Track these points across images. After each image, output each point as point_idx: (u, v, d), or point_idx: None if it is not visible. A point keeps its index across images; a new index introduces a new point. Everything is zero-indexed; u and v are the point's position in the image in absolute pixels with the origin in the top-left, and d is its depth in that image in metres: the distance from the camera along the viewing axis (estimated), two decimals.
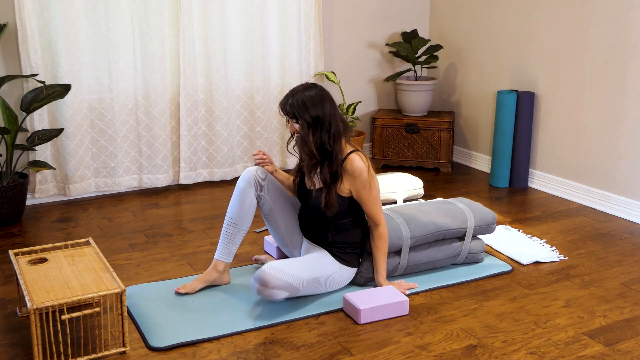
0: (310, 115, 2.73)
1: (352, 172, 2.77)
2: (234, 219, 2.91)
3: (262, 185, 2.92)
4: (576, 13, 4.08)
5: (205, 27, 4.31)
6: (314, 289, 2.81)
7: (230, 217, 2.92)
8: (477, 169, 4.99)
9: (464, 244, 3.15)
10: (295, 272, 2.70)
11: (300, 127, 2.76)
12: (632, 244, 3.54)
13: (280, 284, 2.64)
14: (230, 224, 2.91)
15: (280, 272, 2.66)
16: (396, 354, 2.46)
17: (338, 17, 4.92)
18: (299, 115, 2.73)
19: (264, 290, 2.63)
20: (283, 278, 2.65)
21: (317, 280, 2.78)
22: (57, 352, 2.42)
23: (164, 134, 4.33)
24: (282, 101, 2.79)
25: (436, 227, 3.06)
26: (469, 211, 3.17)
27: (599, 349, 2.51)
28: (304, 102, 2.74)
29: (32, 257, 2.71)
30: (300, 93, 2.75)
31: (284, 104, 2.78)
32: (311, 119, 2.73)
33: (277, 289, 2.64)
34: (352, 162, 2.77)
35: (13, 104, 3.92)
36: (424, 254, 3.07)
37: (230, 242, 2.92)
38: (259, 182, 2.91)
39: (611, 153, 3.98)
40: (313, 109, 2.73)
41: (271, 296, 2.65)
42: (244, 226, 2.92)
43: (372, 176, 2.82)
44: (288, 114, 2.77)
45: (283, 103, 2.78)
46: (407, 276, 3.08)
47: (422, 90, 4.94)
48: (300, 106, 2.74)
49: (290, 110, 2.75)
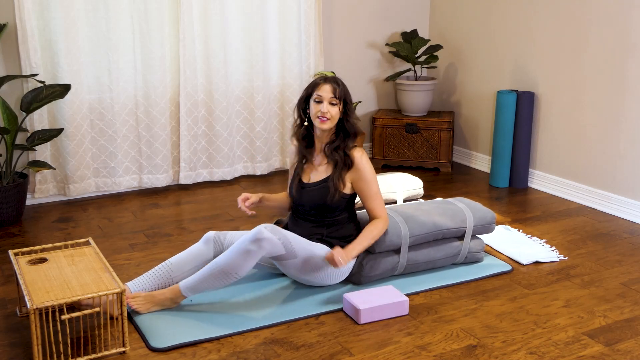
0: (351, 100, 2.92)
1: (358, 161, 2.87)
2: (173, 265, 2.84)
3: (221, 245, 2.89)
4: (576, 13, 4.08)
5: (205, 27, 4.31)
6: (310, 268, 2.80)
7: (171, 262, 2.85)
8: (477, 169, 4.99)
9: (464, 244, 3.15)
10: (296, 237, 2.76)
11: (339, 109, 2.86)
12: (632, 244, 3.54)
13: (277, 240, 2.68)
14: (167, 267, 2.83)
15: (278, 230, 2.70)
16: (396, 354, 2.46)
17: (338, 17, 4.92)
18: (347, 97, 2.88)
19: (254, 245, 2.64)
20: (280, 235, 2.70)
21: (313, 258, 2.78)
22: (57, 352, 2.42)
23: (164, 134, 4.33)
24: (332, 82, 2.87)
25: (435, 226, 3.06)
26: (468, 210, 3.18)
27: (599, 349, 2.51)
28: (345, 86, 2.91)
29: (32, 257, 2.71)
30: (338, 79, 2.91)
31: (339, 86, 2.87)
32: (351, 102, 2.92)
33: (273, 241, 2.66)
34: (360, 155, 2.89)
35: (13, 104, 3.92)
36: (424, 253, 3.07)
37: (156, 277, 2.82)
38: (218, 243, 2.89)
39: (611, 153, 3.98)
40: (351, 96, 2.94)
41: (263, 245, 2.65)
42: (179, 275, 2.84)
43: (373, 173, 2.92)
44: (338, 95, 2.85)
45: (337, 85, 2.87)
46: (407, 276, 3.08)
47: (422, 90, 4.94)
48: (348, 92, 2.91)
49: (342, 92, 2.87)
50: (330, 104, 2.84)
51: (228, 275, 2.66)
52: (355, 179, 2.89)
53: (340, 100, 2.86)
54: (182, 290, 2.69)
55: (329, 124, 2.86)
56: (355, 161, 2.87)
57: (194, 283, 2.68)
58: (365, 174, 2.88)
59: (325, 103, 2.84)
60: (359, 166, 2.87)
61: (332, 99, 2.84)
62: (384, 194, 3.92)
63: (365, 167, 2.88)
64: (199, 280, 2.68)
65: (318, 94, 2.86)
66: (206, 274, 2.67)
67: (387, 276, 3.04)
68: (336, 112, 2.86)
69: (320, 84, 2.87)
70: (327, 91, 2.85)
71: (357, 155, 2.88)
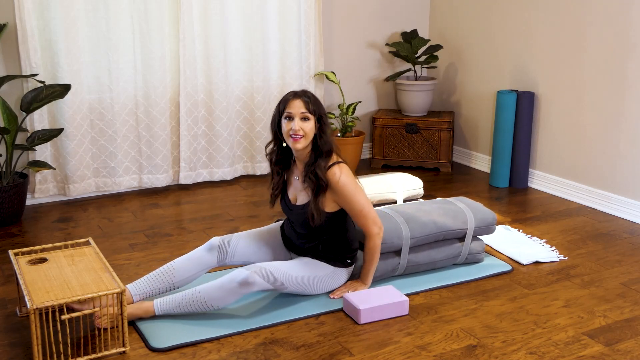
0: (325, 114, 2.74)
1: (334, 184, 2.69)
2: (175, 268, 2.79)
3: (225, 253, 2.88)
4: (576, 13, 4.08)
5: (205, 27, 4.31)
6: (309, 288, 2.80)
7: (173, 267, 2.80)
8: (477, 169, 4.99)
9: (464, 245, 3.15)
10: (284, 269, 2.72)
11: (313, 124, 2.69)
12: (632, 244, 3.54)
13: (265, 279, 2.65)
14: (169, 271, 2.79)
15: (267, 271, 2.66)
16: (396, 354, 2.46)
17: (338, 17, 4.92)
18: (320, 110, 2.70)
19: (243, 289, 2.62)
20: (269, 276, 2.66)
21: (310, 278, 2.77)
22: (57, 352, 2.42)
23: (164, 134, 4.33)
24: (302, 96, 2.68)
25: (437, 227, 3.06)
26: (469, 212, 3.17)
27: (599, 349, 2.51)
28: (317, 98, 2.74)
29: (32, 257, 2.71)
30: (308, 92, 2.74)
31: (309, 100, 2.68)
32: (324, 116, 2.73)
33: (261, 285, 2.65)
34: (334, 174, 2.69)
35: (13, 104, 3.92)
36: (424, 255, 3.07)
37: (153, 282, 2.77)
38: (222, 251, 2.87)
39: (611, 153, 3.98)
40: (323, 107, 2.76)
41: (251, 289, 2.64)
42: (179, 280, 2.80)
43: (356, 189, 2.73)
44: (309, 110, 2.67)
45: (307, 98, 2.69)
46: (407, 276, 3.08)
47: (422, 90, 4.94)
48: (319, 102, 2.74)
49: (314, 105, 2.69)
50: (302, 119, 2.67)
51: (206, 306, 2.64)
52: (336, 199, 2.72)
53: (313, 114, 2.68)
54: (155, 310, 2.65)
55: (303, 141, 2.67)
56: (330, 183, 2.68)
57: (170, 306, 2.65)
58: (345, 194, 2.69)
59: (296, 120, 2.66)
60: (336, 187, 2.68)
61: (303, 114, 2.66)
62: (384, 194, 3.92)
63: (343, 187, 2.68)
64: (175, 304, 2.64)
65: (288, 111, 2.68)
66: (184, 299, 2.64)
67: (387, 277, 3.04)
68: (310, 129, 2.67)
69: (290, 100, 2.69)
70: (298, 107, 2.66)
71: (332, 177, 2.68)
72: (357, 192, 2.73)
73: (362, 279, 2.89)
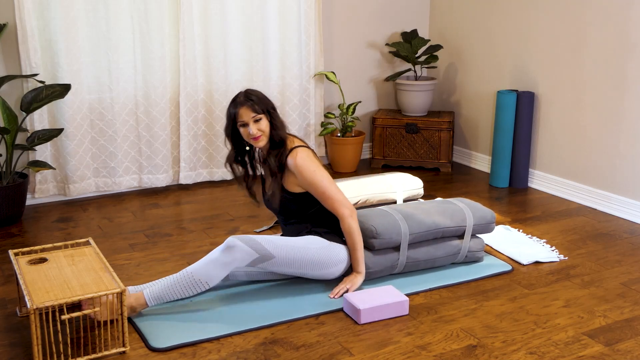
0: (272, 106, 2.87)
1: (292, 167, 2.83)
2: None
3: None
4: (576, 13, 4.08)
5: (205, 27, 4.31)
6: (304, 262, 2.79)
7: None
8: (477, 169, 4.99)
9: (463, 243, 3.16)
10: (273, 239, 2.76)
11: (267, 120, 2.83)
12: (632, 244, 3.54)
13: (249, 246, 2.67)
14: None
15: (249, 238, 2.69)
16: (396, 354, 2.46)
17: (338, 17, 4.92)
18: (267, 106, 2.84)
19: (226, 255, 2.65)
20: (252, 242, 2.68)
21: (304, 249, 2.78)
22: (57, 352, 2.42)
23: (164, 134, 4.33)
24: (246, 102, 2.80)
25: (435, 224, 3.07)
26: (468, 210, 3.18)
27: (599, 349, 2.51)
28: (264, 95, 2.87)
29: (32, 257, 2.71)
30: (252, 90, 2.87)
31: (253, 102, 2.80)
32: (273, 109, 2.87)
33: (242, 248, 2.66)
34: (294, 158, 2.83)
35: (13, 104, 3.92)
36: (423, 252, 3.08)
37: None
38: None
39: (611, 153, 3.98)
40: (269, 100, 2.88)
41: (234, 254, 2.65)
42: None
43: (315, 171, 2.82)
44: (257, 110, 2.80)
45: (250, 102, 2.80)
46: (407, 276, 3.08)
47: (422, 90, 4.94)
48: (264, 98, 2.86)
49: (260, 104, 2.82)
50: (255, 121, 2.81)
51: (197, 284, 2.65)
52: (298, 182, 2.86)
53: (263, 112, 2.82)
54: (146, 299, 2.65)
55: (264, 139, 2.84)
56: (289, 166, 2.83)
57: (160, 291, 2.65)
58: (304, 175, 2.81)
59: (251, 124, 2.80)
60: (295, 170, 2.82)
61: (254, 117, 2.80)
62: (384, 194, 3.92)
63: (300, 168, 2.80)
64: (165, 287, 2.66)
65: (240, 120, 2.82)
66: (174, 282, 2.66)
67: (387, 274, 3.04)
68: (265, 125, 2.83)
69: (237, 110, 2.81)
70: (247, 114, 2.79)
71: (291, 161, 2.82)
72: (317, 174, 2.82)
73: (354, 268, 2.90)
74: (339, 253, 2.87)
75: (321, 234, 2.89)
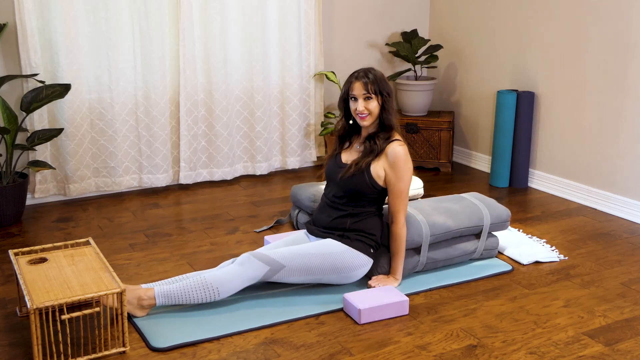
0: (388, 91, 2.89)
1: (393, 154, 2.85)
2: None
3: None
4: (576, 13, 4.08)
5: (205, 27, 4.31)
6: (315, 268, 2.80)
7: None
8: (477, 168, 4.99)
9: (480, 241, 3.20)
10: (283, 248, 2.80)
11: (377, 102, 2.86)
12: (632, 244, 3.54)
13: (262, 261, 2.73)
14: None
15: (259, 253, 2.75)
16: (396, 354, 2.46)
17: (338, 17, 4.92)
18: (382, 89, 2.86)
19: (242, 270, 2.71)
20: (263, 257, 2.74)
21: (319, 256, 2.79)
22: (57, 352, 2.42)
23: (164, 133, 4.33)
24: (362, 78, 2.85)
25: (455, 224, 3.10)
26: (485, 209, 3.22)
27: (599, 348, 2.51)
28: (382, 77, 2.91)
29: (32, 257, 2.71)
30: (374, 70, 2.91)
31: (369, 80, 2.84)
32: (388, 94, 2.89)
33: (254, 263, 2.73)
34: (395, 145, 2.86)
35: (13, 104, 3.92)
36: (442, 252, 3.12)
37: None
38: None
39: (611, 153, 3.98)
40: (387, 85, 2.91)
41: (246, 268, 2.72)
42: None
43: (409, 169, 2.88)
44: (370, 90, 2.84)
45: (366, 79, 2.85)
46: (407, 276, 3.08)
47: (422, 90, 4.94)
48: (382, 80, 2.89)
49: (375, 85, 2.84)
50: (365, 99, 2.85)
51: (209, 289, 2.67)
52: (387, 170, 2.86)
53: (375, 93, 2.86)
54: (155, 295, 2.66)
55: (369, 119, 2.88)
56: (387, 150, 2.86)
57: (170, 291, 2.67)
58: (398, 167, 2.84)
59: (360, 100, 2.86)
60: (393, 158, 2.84)
61: (365, 95, 2.85)
62: None
63: (397, 158, 2.84)
64: (175, 289, 2.67)
65: (352, 93, 2.88)
66: (188, 284, 2.68)
67: (408, 275, 3.07)
68: (375, 106, 2.86)
69: (352, 82, 2.88)
70: (359, 88, 2.86)
71: (393, 146, 2.86)
72: (408, 172, 2.87)
73: (393, 273, 2.94)
74: (356, 257, 2.87)
75: (350, 238, 2.88)
